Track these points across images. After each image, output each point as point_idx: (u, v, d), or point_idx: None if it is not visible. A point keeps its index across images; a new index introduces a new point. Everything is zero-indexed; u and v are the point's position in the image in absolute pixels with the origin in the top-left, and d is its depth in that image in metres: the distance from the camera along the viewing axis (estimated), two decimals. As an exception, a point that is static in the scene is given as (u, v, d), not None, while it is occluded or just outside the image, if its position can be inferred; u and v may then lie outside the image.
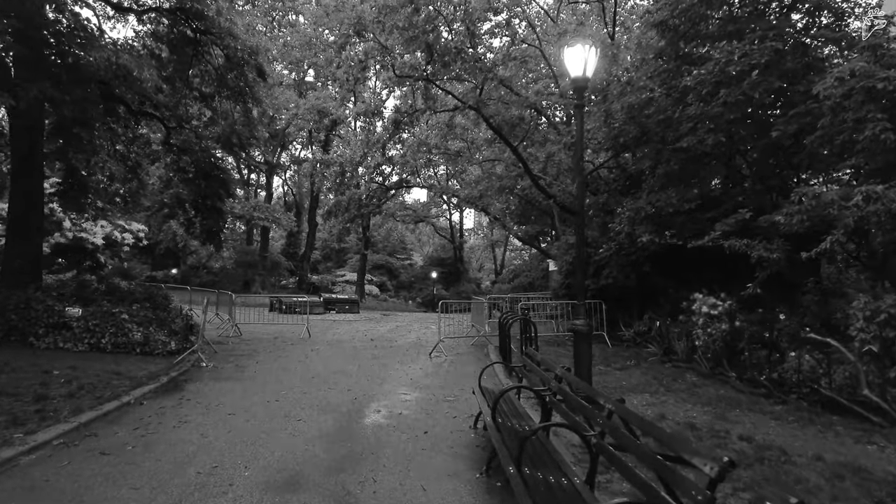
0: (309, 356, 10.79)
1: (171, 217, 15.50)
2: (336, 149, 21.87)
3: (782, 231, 8.05)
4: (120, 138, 14.95)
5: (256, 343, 12.62)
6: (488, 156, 22.50)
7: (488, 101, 16.39)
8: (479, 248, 53.14)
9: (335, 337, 14.18)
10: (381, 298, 35.74)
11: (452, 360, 10.70)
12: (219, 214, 14.88)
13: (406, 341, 13.55)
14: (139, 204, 15.32)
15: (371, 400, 7.19)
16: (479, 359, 10.94)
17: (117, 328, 9.58)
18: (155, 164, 15.26)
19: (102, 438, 5.18)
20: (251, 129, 15.62)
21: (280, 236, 48.56)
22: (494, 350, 11.87)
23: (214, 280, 35.99)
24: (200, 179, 14.92)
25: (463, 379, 8.82)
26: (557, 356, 10.39)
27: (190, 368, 9.03)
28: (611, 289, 12.78)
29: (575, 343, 6.84)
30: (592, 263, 13.06)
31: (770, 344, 7.39)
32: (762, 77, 8.71)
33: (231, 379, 8.37)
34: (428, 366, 10.02)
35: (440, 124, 20.59)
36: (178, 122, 15.03)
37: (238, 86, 14.80)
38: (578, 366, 6.70)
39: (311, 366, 9.70)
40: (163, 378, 7.88)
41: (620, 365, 9.86)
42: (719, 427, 5.66)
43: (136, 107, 14.00)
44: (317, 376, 8.69)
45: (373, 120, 18.68)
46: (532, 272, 29.11)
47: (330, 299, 23.90)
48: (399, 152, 20.58)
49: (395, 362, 10.29)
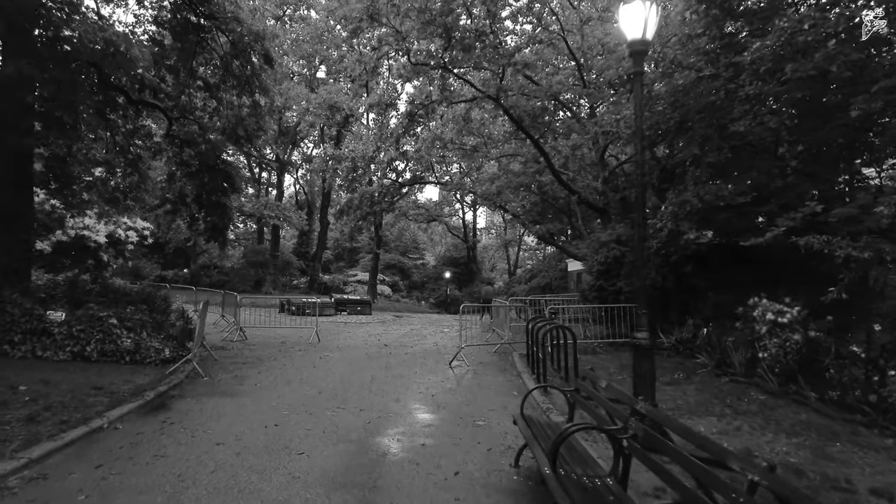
0: (317, 365, 9.66)
1: (173, 213, 14.45)
2: (348, 144, 20.74)
3: (862, 227, 6.80)
4: (119, 130, 13.98)
5: (262, 349, 11.53)
6: (505, 151, 21.28)
7: (508, 92, 15.17)
8: (492, 248, 51.88)
9: (346, 342, 13.05)
10: (393, 299, 34.65)
11: (475, 371, 9.51)
12: (223, 210, 13.81)
13: (422, 347, 12.39)
14: (140, 199, 14.29)
15: (387, 423, 6.02)
16: (505, 369, 9.73)
17: (105, 334, 8.51)
18: (156, 157, 14.23)
19: (52, 482, 4.06)
20: (258, 119, 14.55)
21: (291, 235, 47.71)
22: (520, 359, 10.66)
23: (224, 280, 35.15)
24: (204, 173, 13.90)
25: (490, 395, 7.63)
26: (594, 369, 9.14)
27: (183, 380, 7.93)
28: (645, 291, 11.48)
29: (635, 361, 5.62)
30: (626, 264, 11.79)
31: (867, 360, 6.11)
32: (839, 48, 7.41)
33: (227, 394, 7.26)
34: (449, 377, 8.84)
35: (456, 117, 19.41)
36: (181, 112, 14.05)
37: (244, 74, 13.78)
38: (638, 389, 5.48)
39: (320, 377, 8.56)
40: (149, 393, 6.78)
41: (668, 378, 8.60)
42: (831, 471, 4.40)
43: (135, 95, 13.02)
44: (325, 391, 7.54)
45: (386, 113, 17.55)
46: (549, 272, 27.82)
47: (341, 300, 22.83)
48: (413, 147, 19.43)
49: (412, 373, 9.12)
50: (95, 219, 18.81)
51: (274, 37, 14.95)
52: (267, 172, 41.21)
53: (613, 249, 11.87)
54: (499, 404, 7.07)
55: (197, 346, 8.59)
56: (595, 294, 12.10)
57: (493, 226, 52.54)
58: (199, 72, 14.18)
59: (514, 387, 8.30)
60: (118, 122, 13.99)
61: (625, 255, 11.79)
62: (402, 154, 18.07)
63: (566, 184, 17.15)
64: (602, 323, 12.00)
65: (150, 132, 14.49)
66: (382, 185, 20.83)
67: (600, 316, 12.14)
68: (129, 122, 14.19)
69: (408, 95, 17.17)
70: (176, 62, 13.45)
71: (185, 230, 20.93)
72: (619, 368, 9.50)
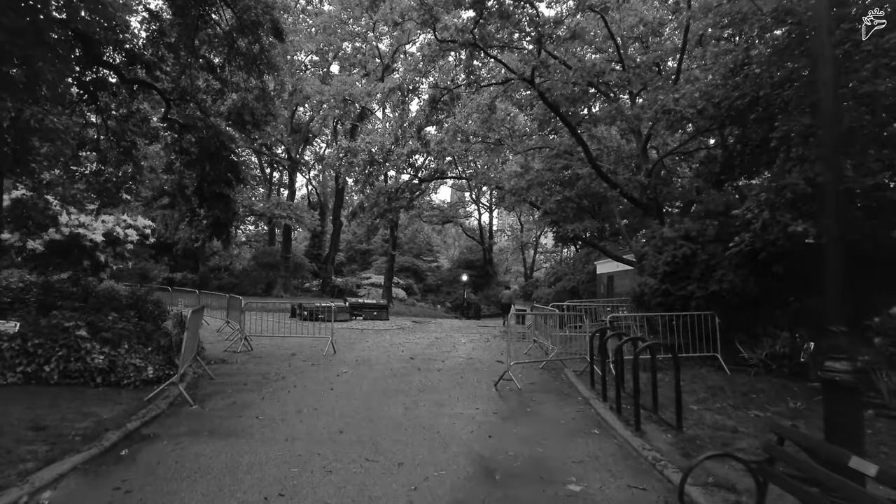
0: (335, 386, 7.74)
1: (171, 207, 12.68)
2: (364, 138, 18.91)
3: None
4: (111, 113, 12.25)
5: (269, 363, 9.66)
6: (531, 145, 19.31)
7: (548, 65, 13.21)
8: (507, 250, 49.86)
9: (365, 354, 11.14)
10: (408, 303, 32.73)
11: (529, 396, 7.54)
12: (227, 203, 11.99)
13: (455, 361, 10.43)
14: (135, 192, 12.52)
15: (440, 489, 4.08)
16: (566, 394, 7.75)
17: (70, 350, 6.67)
18: (153, 143, 12.47)
19: None
20: (267, 103, 12.74)
21: (304, 237, 46.04)
22: (577, 378, 8.68)
23: (235, 283, 33.45)
24: (205, 161, 12.11)
25: (563, 434, 5.68)
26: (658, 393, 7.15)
27: (165, 410, 6.06)
28: (723, 296, 9.47)
29: (828, 403, 3.60)
30: (699, 263, 9.78)
31: None
32: None
33: (219, 433, 5.36)
34: (500, 407, 6.87)
35: (481, 107, 17.49)
36: (180, 95, 12.29)
37: (251, 52, 11.99)
38: (835, 443, 3.47)
39: (339, 405, 6.64)
40: (111, 435, 4.91)
41: (782, 407, 6.58)
42: None
43: (127, 73, 11.28)
44: (347, 428, 5.62)
45: (407, 100, 15.67)
46: (575, 275, 25.78)
47: (356, 304, 20.95)
48: (436, 138, 17.54)
49: (452, 399, 7.17)
50: (93, 216, 17.11)
51: (285, 8, 13.16)
52: (278, 172, 39.55)
53: (682, 247, 9.86)
54: (584, 451, 5.11)
55: (184, 364, 6.71)
56: (659, 300, 10.08)
57: (509, 228, 50.50)
58: (201, 50, 12.43)
59: (588, 420, 6.33)
60: (110, 104, 12.29)
61: (696, 253, 9.77)
62: (425, 144, 16.16)
63: (606, 176, 15.15)
64: (663, 333, 9.98)
65: (145, 117, 12.70)
66: (400, 180, 18.94)
67: (662, 326, 10.12)
68: (124, 105, 12.47)
69: (429, 84, 15.26)
70: (176, 40, 11.72)
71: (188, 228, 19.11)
72: (708, 393, 7.49)
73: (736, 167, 11.79)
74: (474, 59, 14.08)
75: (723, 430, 5.71)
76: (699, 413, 6.48)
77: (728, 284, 9.40)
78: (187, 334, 6.49)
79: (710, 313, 9.37)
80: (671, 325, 9.47)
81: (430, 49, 13.99)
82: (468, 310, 29.69)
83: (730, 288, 9.40)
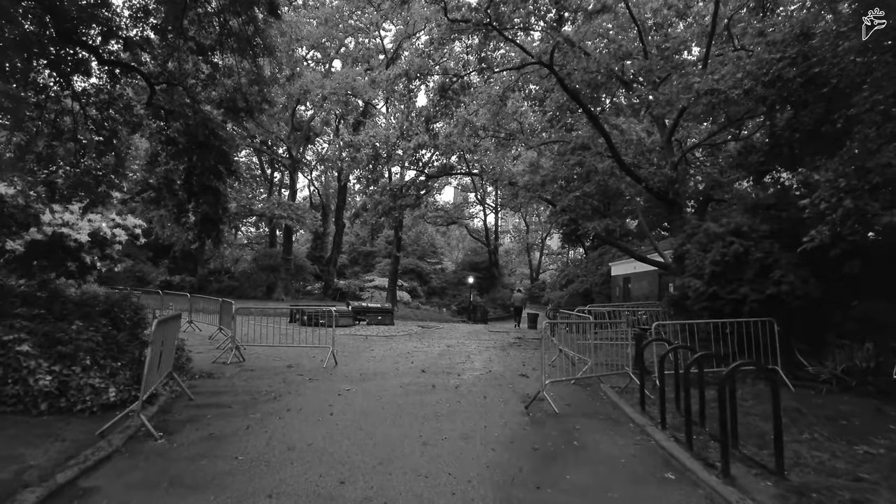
0: (335, 410, 6.39)
1: (156, 202, 11.38)
2: (368, 131, 17.60)
3: None
4: (90, 99, 10.96)
5: (261, 377, 8.32)
6: (548, 138, 17.98)
7: (567, 51, 11.91)
8: (513, 252, 48.52)
9: (370, 366, 9.79)
10: (412, 306, 31.36)
11: (569, 421, 6.19)
12: (216, 196, 10.68)
13: (472, 375, 9.07)
14: (116, 185, 11.21)
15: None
16: (613, 419, 6.39)
17: (7, 369, 5.34)
18: (136, 132, 11.16)
19: None
20: (262, 87, 11.45)
21: (306, 239, 44.79)
22: (619, 397, 7.32)
23: (234, 286, 32.17)
24: (193, 150, 10.83)
25: (630, 479, 4.32)
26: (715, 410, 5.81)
27: (119, 449, 4.72)
28: (781, 300, 8.12)
29: None
30: (752, 263, 8.42)
31: None
32: None
33: (180, 485, 4.02)
34: (539, 439, 5.51)
35: (492, 98, 16.19)
36: (167, 79, 11.02)
37: (245, 33, 10.73)
38: None
39: (339, 438, 5.29)
40: (26, 496, 3.56)
41: (889, 442, 5.21)
42: None
43: (106, 54, 10.04)
44: (349, 479, 4.26)
45: (413, 88, 14.36)
46: (588, 277, 24.42)
47: (360, 308, 19.59)
48: (444, 131, 16.23)
49: (478, 428, 5.81)
50: (78, 215, 15.79)
51: None
52: (279, 172, 38.26)
53: (733, 244, 8.50)
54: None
55: (148, 388, 5.36)
56: (705, 304, 8.71)
57: (513, 229, 49.17)
58: (190, 31, 11.15)
59: (654, 458, 4.97)
60: (89, 89, 11.02)
61: (749, 251, 8.41)
62: (433, 137, 14.84)
63: (630, 170, 13.83)
64: (706, 342, 8.60)
65: (128, 103, 11.39)
66: (405, 178, 17.60)
67: (706, 333, 8.74)
68: (104, 90, 11.17)
69: (438, 71, 13.95)
70: (163, 22, 10.47)
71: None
72: (786, 417, 6.12)
73: (782, 156, 10.46)
74: (489, 42, 12.75)
75: (837, 477, 4.35)
76: (789, 447, 5.12)
77: (788, 286, 8.04)
78: (150, 350, 5.14)
79: (768, 319, 8.01)
80: (722, 334, 8.09)
81: (439, 31, 12.69)
82: (474, 313, 28.33)
83: (790, 290, 8.05)
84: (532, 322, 20.85)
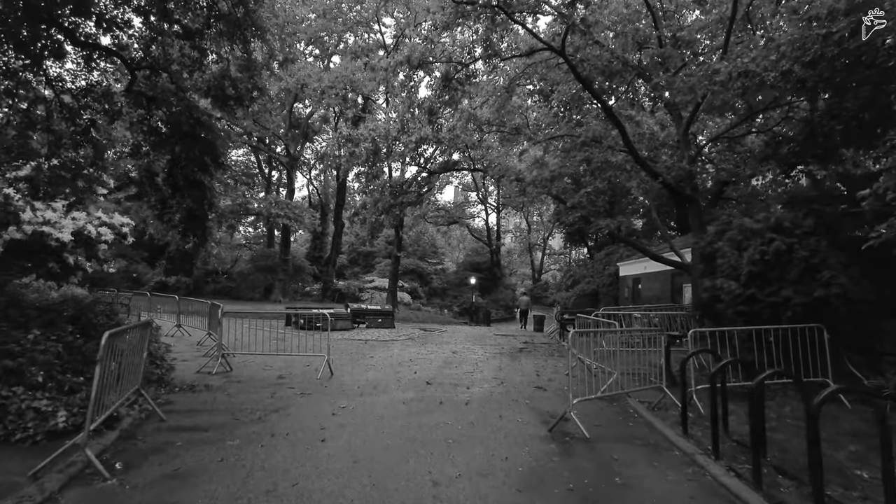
0: (327, 435, 5.41)
1: (138, 198, 10.41)
2: (367, 125, 16.63)
3: None
4: (66, 87, 10.00)
5: (247, 390, 7.35)
6: (555, 133, 17.01)
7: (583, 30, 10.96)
8: (514, 252, 47.55)
9: (370, 376, 8.81)
10: (413, 307, 30.40)
11: (603, 447, 5.22)
12: (202, 191, 9.71)
13: (483, 388, 8.10)
14: (94, 180, 10.25)
15: None
16: (653, 444, 5.42)
17: (-73, 392, 4.37)
18: (115, 121, 10.19)
19: None
20: (252, 73, 10.48)
21: (305, 240, 43.83)
22: (654, 415, 6.36)
23: (231, 287, 31.22)
24: (176, 140, 9.89)
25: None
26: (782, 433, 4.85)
27: (54, 496, 3.74)
28: (828, 305, 7.16)
29: None
30: (796, 262, 7.45)
31: None
32: None
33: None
34: (573, 475, 4.54)
35: (498, 90, 15.25)
36: (150, 65, 10.08)
37: (235, 15, 9.79)
38: None
39: (330, 477, 4.32)
40: None
41: None
42: None
43: (80, 35, 9.09)
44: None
45: (416, 77, 13.42)
46: (595, 278, 23.46)
47: (359, 310, 18.61)
48: (447, 124, 15.28)
49: (498, 458, 4.85)
50: (61, 213, 14.82)
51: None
52: (277, 172, 37.27)
53: (773, 241, 7.54)
54: None
55: (97, 415, 4.39)
56: (741, 308, 7.75)
57: (515, 229, 48.20)
58: (175, 13, 10.18)
59: (713, 500, 4.00)
60: (64, 76, 10.09)
61: (792, 248, 7.45)
62: (437, 129, 13.89)
63: (646, 163, 12.89)
64: (740, 352, 7.63)
65: (108, 91, 10.42)
66: (406, 175, 16.64)
67: (742, 341, 7.76)
68: (81, 76, 10.22)
69: (442, 57, 12.99)
70: (146, 3, 9.54)
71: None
72: (858, 443, 5.17)
73: (817, 146, 9.49)
74: (496, 28, 11.79)
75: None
76: (873, 484, 4.18)
77: (838, 289, 7.08)
78: (99, 368, 4.17)
79: (817, 326, 7.05)
80: (765, 342, 7.13)
81: (443, 14, 11.73)
82: (477, 314, 27.37)
83: (841, 293, 7.09)
84: (538, 324, 19.89)
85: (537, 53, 14.05)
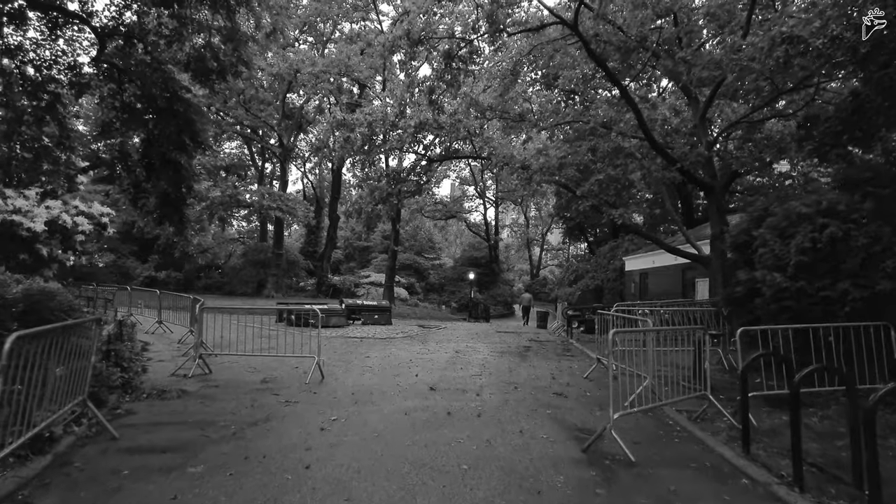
0: (312, 459, 4.37)
1: (110, 181, 9.32)
2: (363, 109, 15.52)
3: None
4: (27, 57, 8.88)
5: (224, 398, 6.29)
6: (563, 119, 15.97)
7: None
8: (512, 248, 46.57)
9: (365, 380, 7.77)
10: (410, 303, 29.33)
11: (652, 474, 4.22)
12: (178, 172, 8.60)
13: (494, 394, 7.08)
14: (60, 161, 9.16)
15: None
16: (714, 468, 4.41)
17: None
18: (82, 95, 9.07)
19: None
20: (237, 45, 9.36)
21: (299, 234, 42.65)
22: (702, 430, 5.35)
23: (223, 282, 30.06)
24: (151, 116, 8.81)
25: None
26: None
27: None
28: (892, 300, 6.18)
29: None
30: (854, 251, 6.46)
31: None
32: None
33: None
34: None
35: (503, 72, 14.18)
36: (124, 33, 8.98)
37: (216, -20, 8.73)
38: None
39: (316, 519, 3.28)
40: None
41: None
42: None
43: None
44: None
45: (417, 54, 12.29)
46: (599, 272, 22.50)
47: (354, 306, 17.56)
48: (449, 108, 14.20)
49: (528, 489, 3.82)
50: (34, 201, 13.59)
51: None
52: (271, 164, 36.02)
53: (827, 227, 6.54)
54: None
55: (6, 443, 3.31)
56: (788, 304, 6.75)
57: (512, 223, 47.17)
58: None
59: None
60: (25, 45, 9.02)
61: (849, 235, 6.46)
62: (438, 111, 12.81)
63: (663, 149, 11.91)
64: (785, 352, 6.63)
65: (74, 63, 9.29)
66: (404, 163, 15.57)
67: (784, 340, 6.75)
68: (45, 46, 9.15)
69: (445, 33, 11.91)
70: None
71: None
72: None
73: (861, 124, 8.50)
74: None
75: None
76: None
77: (901, 282, 6.10)
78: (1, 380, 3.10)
79: (883, 324, 6.08)
80: (825, 342, 6.13)
81: (447, -16, 10.64)
82: (476, 310, 26.36)
83: (904, 287, 6.10)
84: (542, 321, 18.92)
85: (545, 34, 13.03)
